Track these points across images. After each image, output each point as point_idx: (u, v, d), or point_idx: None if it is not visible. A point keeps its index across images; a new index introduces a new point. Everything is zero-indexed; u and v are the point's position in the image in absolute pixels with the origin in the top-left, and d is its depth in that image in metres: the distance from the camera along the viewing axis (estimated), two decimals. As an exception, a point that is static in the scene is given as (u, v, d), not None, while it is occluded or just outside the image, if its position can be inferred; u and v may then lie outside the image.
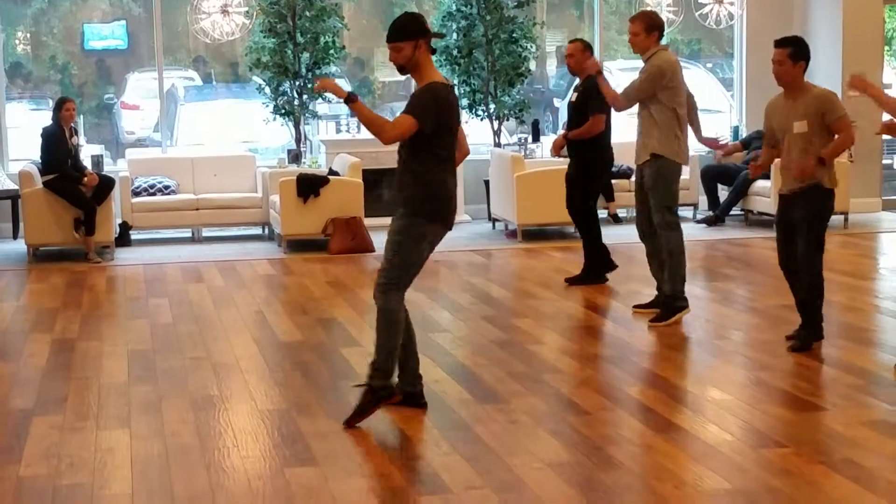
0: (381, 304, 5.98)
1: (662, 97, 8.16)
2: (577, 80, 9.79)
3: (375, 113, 6.05)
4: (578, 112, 9.60)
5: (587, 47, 9.66)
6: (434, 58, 6.07)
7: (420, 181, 5.96)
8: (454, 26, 13.39)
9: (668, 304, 8.21)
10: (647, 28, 8.23)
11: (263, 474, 5.24)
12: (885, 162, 14.33)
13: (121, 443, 5.71)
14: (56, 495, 5.01)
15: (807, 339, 7.29)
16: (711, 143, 9.11)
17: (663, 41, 8.39)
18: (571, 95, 9.84)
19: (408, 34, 5.86)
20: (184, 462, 5.40)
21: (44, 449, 5.64)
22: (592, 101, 9.32)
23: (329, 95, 12.13)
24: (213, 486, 5.06)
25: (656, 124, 8.17)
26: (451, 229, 6.08)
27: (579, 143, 9.59)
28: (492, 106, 13.39)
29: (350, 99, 5.90)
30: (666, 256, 8.26)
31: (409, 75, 6.05)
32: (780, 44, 7.24)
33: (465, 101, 13.32)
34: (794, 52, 7.17)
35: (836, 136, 7.09)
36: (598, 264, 9.72)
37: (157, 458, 5.47)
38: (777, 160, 7.46)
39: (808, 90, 7.20)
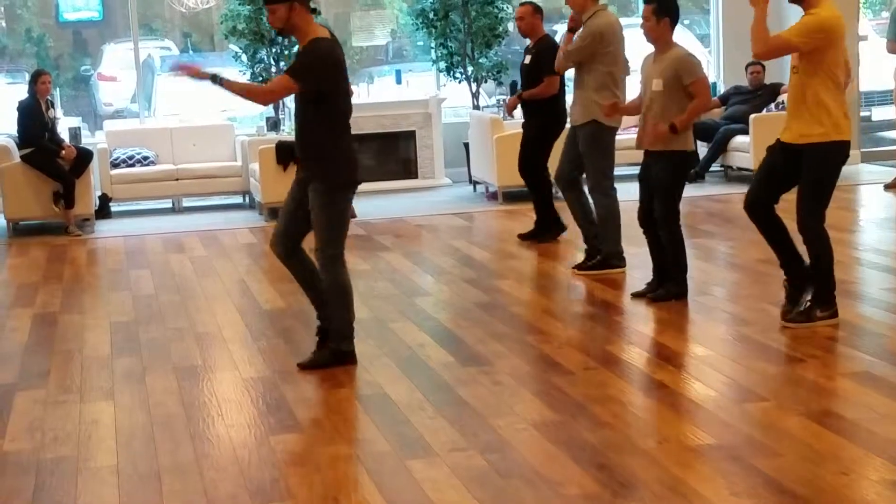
0: (333, 277, 6.14)
1: (602, 60, 8.20)
2: (529, 43, 9.80)
3: (243, 82, 5.93)
4: (531, 74, 9.64)
5: (537, 10, 9.67)
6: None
7: (327, 150, 6.01)
8: (430, -12, 13.33)
9: (605, 260, 8.38)
10: None
11: (248, 442, 5.24)
12: (863, 114, 14.32)
13: (105, 415, 5.71)
14: (41, 469, 5.00)
15: (668, 291, 7.42)
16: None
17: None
18: (524, 58, 9.84)
19: None
20: (168, 432, 5.40)
21: (27, 423, 5.63)
22: (546, 62, 9.30)
23: None
24: (198, 456, 5.06)
25: (594, 87, 8.21)
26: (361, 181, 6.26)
27: (534, 104, 9.63)
28: (469, 68, 13.34)
29: (215, 80, 5.97)
30: (600, 221, 8.38)
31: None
32: (646, 0, 7.27)
33: (442, 64, 13.26)
34: (657, 7, 7.21)
35: (693, 101, 7.19)
36: (549, 225, 9.77)
37: (141, 429, 5.48)
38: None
39: (671, 49, 7.24)
